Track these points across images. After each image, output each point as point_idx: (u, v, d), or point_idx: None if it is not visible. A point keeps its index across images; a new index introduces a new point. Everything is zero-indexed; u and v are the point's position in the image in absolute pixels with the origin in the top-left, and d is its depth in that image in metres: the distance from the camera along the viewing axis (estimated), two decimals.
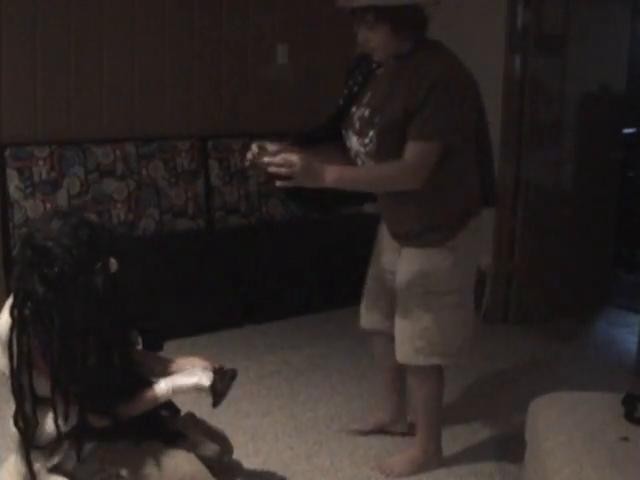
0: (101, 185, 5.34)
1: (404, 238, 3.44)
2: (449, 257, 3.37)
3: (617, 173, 6.20)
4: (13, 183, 5.04)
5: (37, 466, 2.75)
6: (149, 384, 2.89)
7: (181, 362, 3.10)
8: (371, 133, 3.24)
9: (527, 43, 5.32)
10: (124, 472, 2.77)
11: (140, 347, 3.06)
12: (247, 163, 3.12)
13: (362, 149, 3.29)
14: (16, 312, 2.63)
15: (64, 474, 2.76)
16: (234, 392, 3.51)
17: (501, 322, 5.64)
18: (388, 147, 3.20)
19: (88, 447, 2.75)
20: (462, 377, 4.72)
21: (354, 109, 3.35)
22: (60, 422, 2.69)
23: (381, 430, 3.99)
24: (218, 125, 5.84)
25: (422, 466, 3.70)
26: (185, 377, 2.92)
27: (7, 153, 5.04)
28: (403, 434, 3.97)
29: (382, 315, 3.70)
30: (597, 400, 3.11)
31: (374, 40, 3.15)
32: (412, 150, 3.13)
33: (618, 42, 5.85)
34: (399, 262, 3.47)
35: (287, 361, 4.87)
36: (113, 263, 2.76)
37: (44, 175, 5.13)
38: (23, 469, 2.77)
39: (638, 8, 6.26)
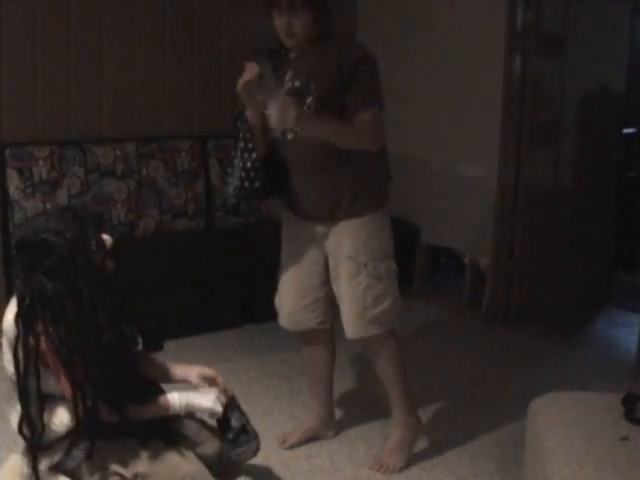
0: (101, 185, 5.34)
1: (338, 211, 3.47)
2: (383, 223, 3.55)
3: (617, 173, 6.20)
4: (13, 183, 5.04)
5: (39, 466, 2.76)
6: (162, 392, 2.90)
7: (182, 372, 3.10)
8: (308, 100, 3.33)
9: (527, 43, 5.32)
10: (124, 471, 2.77)
11: (140, 347, 3.06)
12: (241, 85, 3.22)
13: None
14: (21, 319, 2.64)
15: (65, 473, 2.76)
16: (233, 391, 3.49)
17: (501, 322, 5.65)
18: (327, 112, 3.31)
19: (89, 446, 2.75)
20: (462, 377, 4.73)
21: (278, 87, 3.39)
22: (69, 419, 2.70)
23: (312, 438, 3.95)
24: (218, 125, 5.84)
25: (411, 442, 3.77)
26: (200, 398, 2.93)
27: (7, 153, 5.04)
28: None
29: (311, 312, 3.72)
30: (597, 400, 3.11)
31: (296, 25, 3.30)
32: (371, 116, 3.30)
33: (618, 42, 5.85)
34: (333, 241, 3.53)
35: (286, 361, 4.87)
36: (107, 239, 2.79)
37: (44, 175, 5.13)
38: (25, 470, 2.77)
39: (638, 8, 6.27)
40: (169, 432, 2.98)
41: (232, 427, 2.98)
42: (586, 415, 2.95)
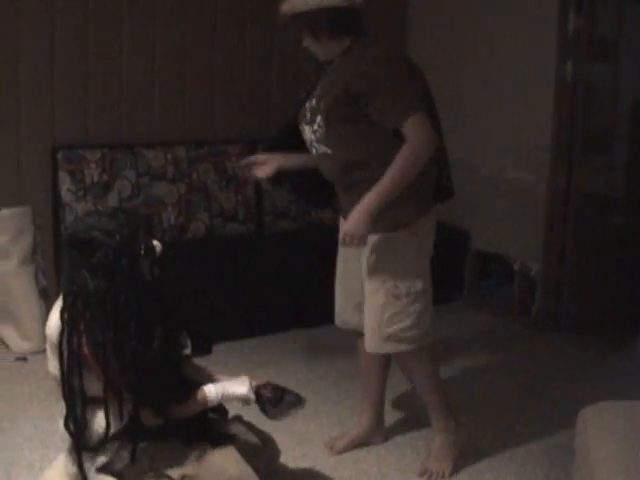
0: (152, 188, 5.39)
1: None
2: (414, 241, 3.44)
3: None
4: (65, 185, 5.10)
5: (86, 466, 2.78)
6: (198, 386, 2.91)
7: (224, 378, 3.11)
8: (319, 119, 3.34)
9: (579, 48, 5.27)
10: (171, 472, 2.78)
11: (189, 350, 3.08)
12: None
13: (313, 137, 3.40)
14: (66, 315, 2.66)
15: (112, 474, 2.78)
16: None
17: (551, 330, 5.59)
18: (335, 130, 3.31)
19: (133, 448, 2.77)
20: (511, 385, 4.70)
21: (307, 103, 3.45)
22: (112, 421, 2.72)
23: (361, 444, 3.93)
24: (268, 129, 5.85)
25: (455, 445, 3.74)
26: (235, 386, 2.94)
27: (59, 156, 5.10)
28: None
29: (358, 314, 3.70)
30: None
31: (310, 47, 3.36)
32: (409, 128, 3.19)
33: None
34: (364, 253, 3.49)
35: (335, 366, 4.87)
36: (157, 245, 2.81)
37: (95, 178, 5.19)
38: (73, 469, 2.80)
39: None
40: (217, 434, 2.99)
41: (269, 399, 3.02)
42: (635, 425, 2.92)
